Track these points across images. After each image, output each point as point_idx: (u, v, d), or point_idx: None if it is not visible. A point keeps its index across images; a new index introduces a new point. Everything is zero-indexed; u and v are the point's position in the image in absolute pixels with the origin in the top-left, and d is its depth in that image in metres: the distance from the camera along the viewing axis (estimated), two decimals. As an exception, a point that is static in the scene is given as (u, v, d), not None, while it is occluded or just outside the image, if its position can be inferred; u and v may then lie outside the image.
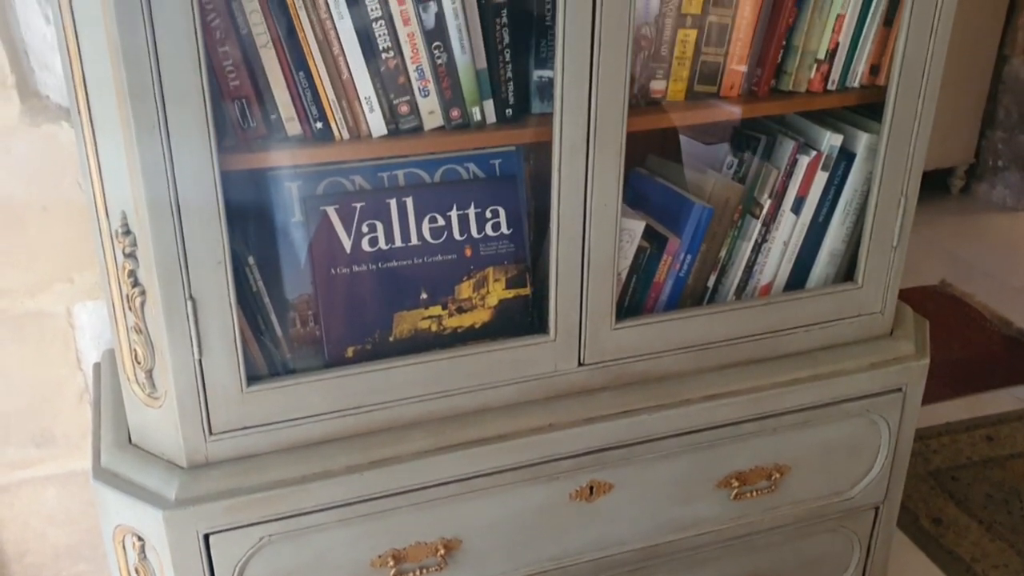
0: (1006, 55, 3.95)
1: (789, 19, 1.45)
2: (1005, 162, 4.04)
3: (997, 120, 4.06)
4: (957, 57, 3.69)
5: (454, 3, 1.28)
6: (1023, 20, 3.85)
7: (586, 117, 1.32)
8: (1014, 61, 3.93)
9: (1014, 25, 3.88)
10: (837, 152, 1.53)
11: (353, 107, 1.28)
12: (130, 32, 1.08)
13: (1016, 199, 4.05)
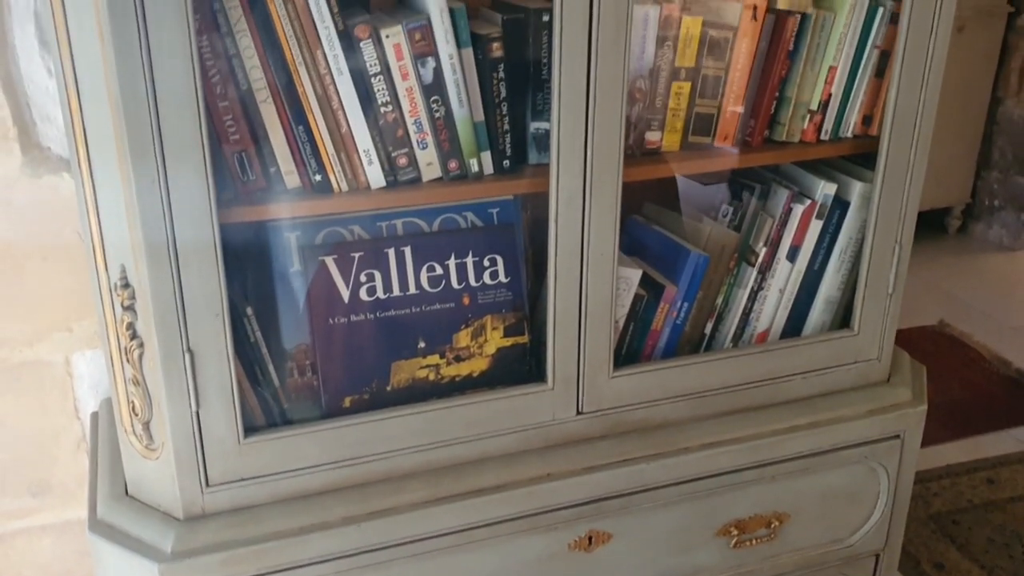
0: (1000, 97, 3.99)
1: (782, 71, 1.47)
2: (1001, 202, 4.06)
3: (992, 161, 4.09)
4: (951, 99, 3.73)
5: (452, 58, 1.30)
6: (1015, 63, 3.90)
7: (582, 168, 1.34)
8: (1008, 103, 3.97)
9: (1007, 68, 3.93)
10: (831, 201, 1.55)
11: (352, 160, 1.30)
12: (131, 87, 1.10)
13: (1013, 239, 4.07)
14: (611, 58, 1.29)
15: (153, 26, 1.08)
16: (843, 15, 1.45)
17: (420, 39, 1.28)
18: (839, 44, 1.46)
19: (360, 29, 1.25)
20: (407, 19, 1.28)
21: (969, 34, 3.78)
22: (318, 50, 1.23)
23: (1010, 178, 4.03)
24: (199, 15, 1.16)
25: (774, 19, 1.45)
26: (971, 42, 3.81)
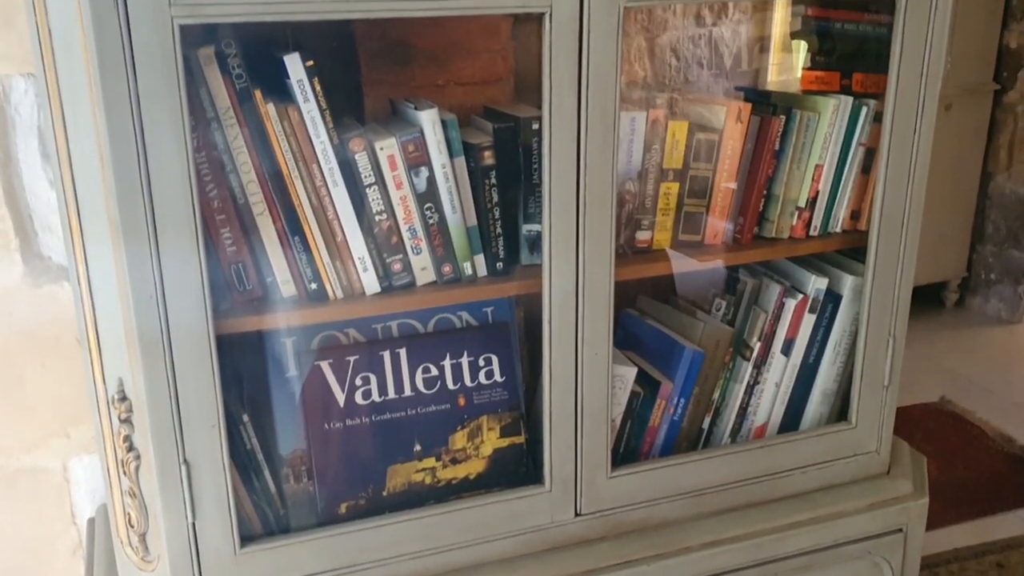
0: (990, 172, 4.04)
1: (768, 170, 1.50)
2: (997, 275, 4.08)
3: (986, 235, 4.12)
4: (943, 174, 3.79)
5: (445, 167, 1.33)
6: (1004, 139, 3.96)
7: (574, 269, 1.35)
8: (998, 178, 4.03)
9: (996, 144, 3.99)
10: (823, 295, 1.56)
11: (347, 267, 1.32)
12: (129, 206, 1.12)
13: (1010, 312, 4.08)
14: (599, 163, 1.32)
15: (152, 148, 1.11)
16: (827, 115, 1.48)
17: (413, 150, 1.31)
18: (824, 143, 1.49)
19: (355, 143, 1.28)
20: (400, 131, 1.31)
21: (957, 111, 3.85)
22: (314, 164, 1.26)
23: (1005, 251, 4.05)
24: (196, 133, 1.19)
25: (759, 121, 1.48)
26: (959, 119, 3.88)
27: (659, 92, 1.51)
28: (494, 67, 1.57)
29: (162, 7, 1.07)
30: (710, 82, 1.65)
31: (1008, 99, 3.96)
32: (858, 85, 1.51)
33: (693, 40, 1.65)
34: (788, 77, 1.53)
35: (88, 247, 1.30)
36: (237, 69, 1.20)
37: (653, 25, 1.63)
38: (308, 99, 1.23)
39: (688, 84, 1.66)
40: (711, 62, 1.65)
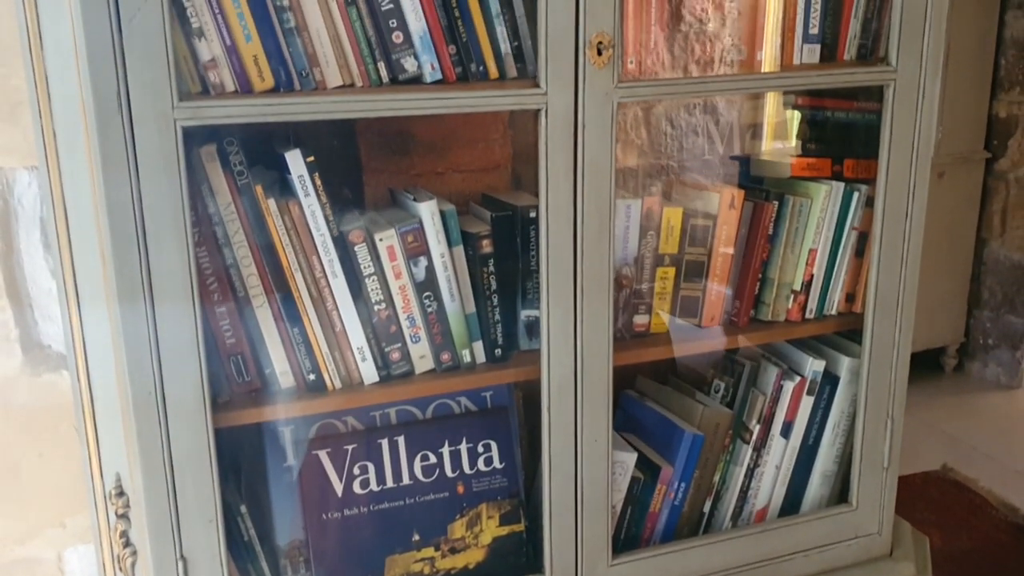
0: (984, 238, 4.07)
1: (763, 254, 1.51)
2: (995, 340, 4.09)
3: (983, 300, 4.14)
4: (938, 240, 3.81)
5: (443, 257, 1.35)
6: (996, 206, 4.00)
7: (573, 355, 1.36)
8: (993, 244, 4.05)
9: (989, 210, 4.03)
10: (821, 377, 1.57)
11: (346, 357, 1.32)
12: (131, 303, 1.13)
13: (1010, 377, 4.07)
14: (596, 250, 1.33)
15: (153, 243, 1.13)
16: (819, 201, 1.50)
17: (413, 241, 1.33)
18: (817, 228, 1.51)
19: (354, 234, 1.30)
20: (400, 222, 1.33)
21: (949, 179, 3.89)
22: (314, 256, 1.27)
23: (1002, 317, 4.06)
24: (197, 228, 1.21)
25: (752, 206, 1.50)
26: (952, 186, 3.92)
27: (653, 179, 1.53)
28: (492, 155, 1.59)
29: (165, 110, 1.09)
30: (703, 167, 1.68)
31: (999, 167, 4.01)
32: (849, 171, 1.53)
33: (686, 127, 1.68)
34: (780, 163, 1.55)
35: (88, 339, 1.31)
36: (239, 166, 1.22)
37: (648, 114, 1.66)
38: (309, 193, 1.25)
39: (682, 170, 1.69)
40: (704, 148, 1.67)
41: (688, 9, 1.48)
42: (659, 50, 1.40)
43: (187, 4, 1.13)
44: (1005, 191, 3.97)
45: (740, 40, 1.48)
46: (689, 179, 1.62)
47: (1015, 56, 3.86)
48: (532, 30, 1.30)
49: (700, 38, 1.47)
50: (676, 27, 1.49)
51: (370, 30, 1.24)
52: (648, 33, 1.39)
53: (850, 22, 1.46)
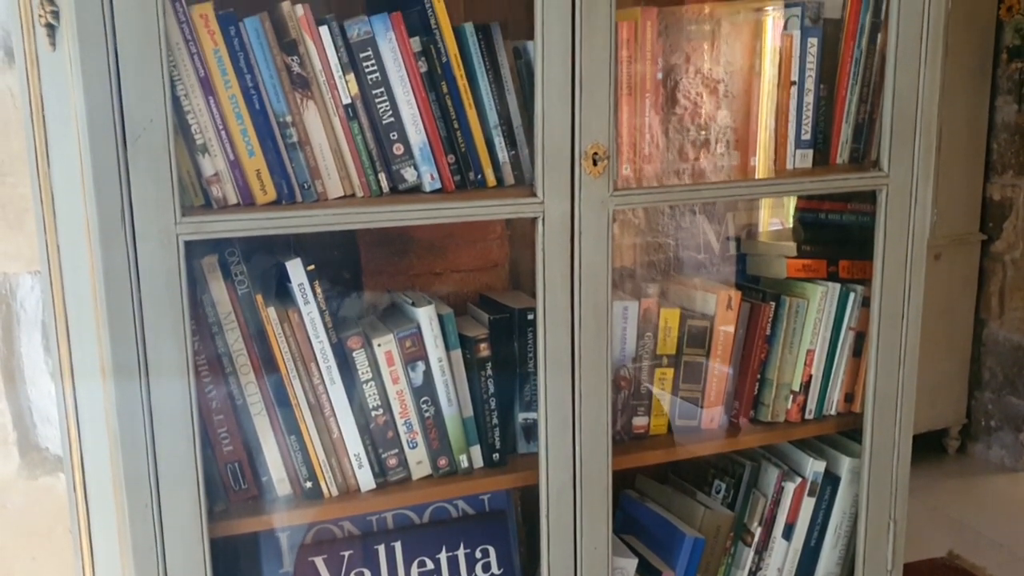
0: (983, 319, 4.08)
1: (761, 355, 1.52)
2: (998, 422, 4.06)
3: (984, 381, 4.13)
4: (936, 321, 3.81)
5: (441, 361, 1.35)
6: (994, 287, 4.02)
7: (571, 459, 1.35)
8: (991, 325, 4.06)
9: (986, 292, 4.04)
10: (822, 477, 1.55)
11: (343, 464, 1.31)
12: (129, 418, 1.13)
13: (1014, 459, 4.04)
14: (594, 353, 1.34)
15: (153, 354, 1.13)
16: (815, 302, 1.51)
17: (411, 346, 1.33)
18: (815, 329, 1.52)
19: (353, 340, 1.30)
20: (398, 327, 1.34)
21: (946, 261, 3.92)
22: (312, 363, 1.28)
23: (1003, 398, 4.05)
24: (197, 337, 1.21)
25: (749, 307, 1.51)
26: (949, 268, 3.95)
27: (650, 279, 1.54)
28: (490, 254, 1.61)
29: (168, 225, 1.11)
30: (700, 266, 1.69)
31: (995, 248, 4.04)
32: (845, 271, 1.55)
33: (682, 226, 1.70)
34: (776, 262, 1.57)
35: (85, 444, 1.31)
36: (240, 276, 1.23)
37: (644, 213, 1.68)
38: (308, 301, 1.26)
39: (679, 269, 1.70)
40: (701, 247, 1.69)
41: (682, 116, 1.51)
42: (654, 156, 1.43)
43: (191, 121, 1.15)
44: (1002, 272, 3.99)
45: (733, 145, 1.50)
46: (686, 278, 1.63)
47: (1006, 140, 3.93)
48: (529, 139, 1.33)
49: (695, 143, 1.50)
50: (671, 133, 1.52)
51: (371, 143, 1.26)
52: (642, 139, 1.42)
53: (842, 127, 1.49)
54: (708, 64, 1.60)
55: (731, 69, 1.59)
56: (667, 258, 1.70)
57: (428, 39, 1.28)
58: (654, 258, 1.70)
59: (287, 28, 1.20)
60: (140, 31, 1.06)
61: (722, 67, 1.59)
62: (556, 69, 1.25)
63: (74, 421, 1.33)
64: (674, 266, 1.70)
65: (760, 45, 1.48)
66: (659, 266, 1.70)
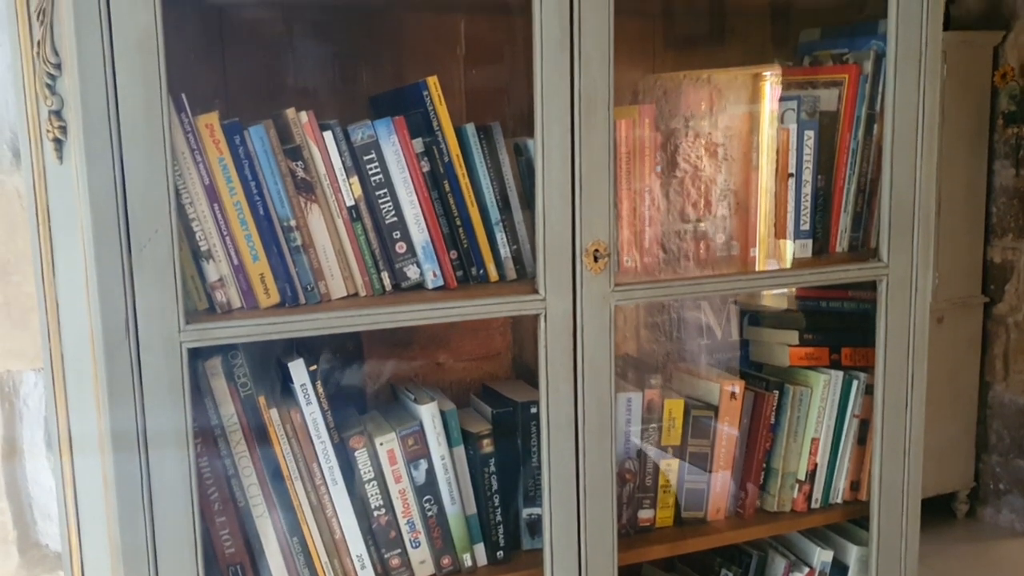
0: (988, 381, 4.06)
1: (766, 444, 1.51)
2: (1006, 485, 4.02)
3: (991, 444, 4.10)
4: (941, 384, 3.80)
5: (444, 459, 1.35)
6: (998, 350, 4.01)
7: (576, 555, 1.34)
8: (997, 387, 4.05)
9: (990, 354, 4.04)
10: (830, 568, 1.54)
11: (345, 565, 1.30)
12: (130, 522, 1.13)
13: (1024, 523, 3.99)
14: (598, 446, 1.33)
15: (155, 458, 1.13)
16: (819, 390, 1.51)
17: (413, 444, 1.33)
18: (819, 417, 1.52)
19: (355, 440, 1.30)
20: (400, 425, 1.33)
21: (949, 324, 3.92)
22: (314, 463, 1.27)
23: (1011, 462, 4.01)
24: (199, 440, 1.21)
25: (753, 396, 1.51)
26: (952, 331, 3.95)
27: (654, 368, 1.54)
28: (493, 343, 1.61)
29: (172, 333, 1.11)
30: (703, 352, 1.70)
31: (998, 311, 4.04)
32: (847, 359, 1.55)
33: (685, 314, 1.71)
34: (779, 348, 1.57)
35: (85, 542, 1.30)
36: (242, 378, 1.23)
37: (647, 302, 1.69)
38: (311, 401, 1.26)
39: (682, 357, 1.70)
40: (704, 333, 1.69)
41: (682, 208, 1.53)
42: (655, 248, 1.44)
43: (196, 228, 1.17)
44: (1005, 335, 3.99)
45: (733, 236, 1.52)
46: (689, 365, 1.63)
47: (1005, 204, 3.96)
48: (530, 233, 1.34)
49: (695, 235, 1.51)
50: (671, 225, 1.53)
51: (374, 242, 1.28)
52: (643, 233, 1.43)
53: (840, 216, 1.50)
54: (707, 127, 1.62)
55: (730, 134, 1.60)
56: (670, 343, 1.71)
57: (431, 139, 1.30)
58: (657, 344, 1.70)
59: (292, 134, 1.22)
60: (146, 145, 1.07)
61: (720, 132, 1.60)
62: (556, 168, 1.27)
63: (74, 520, 1.32)
64: (677, 352, 1.70)
65: (757, 139, 1.50)
66: (662, 352, 1.70)
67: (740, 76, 1.66)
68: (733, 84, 1.66)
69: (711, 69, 1.66)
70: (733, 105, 1.64)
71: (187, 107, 1.14)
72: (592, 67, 1.27)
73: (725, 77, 1.65)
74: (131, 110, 1.06)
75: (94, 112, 1.05)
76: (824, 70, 1.53)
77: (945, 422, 3.91)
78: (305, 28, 1.45)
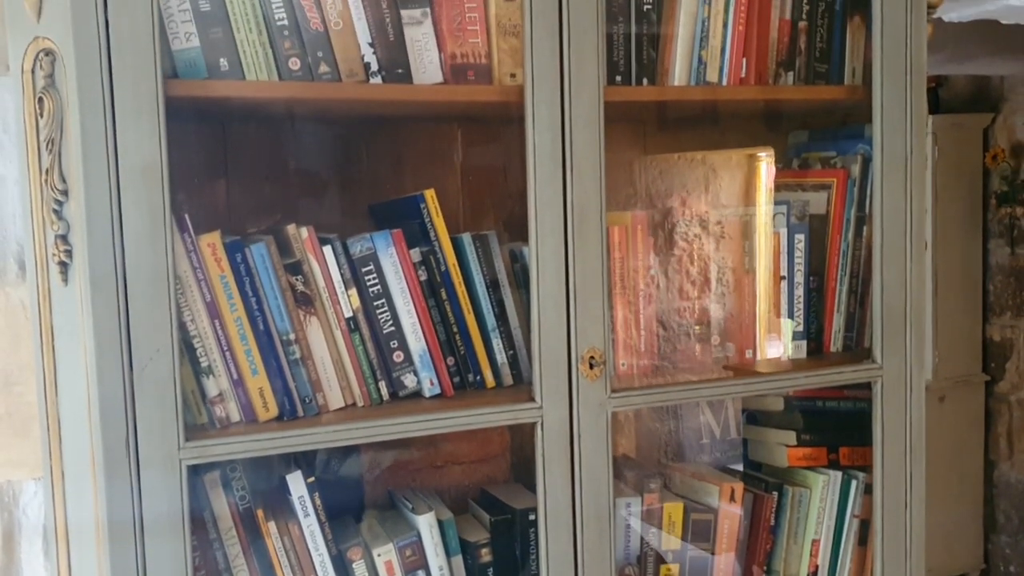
0: (993, 460, 4.04)
1: (767, 547, 1.51)
2: (1017, 567, 3.96)
3: (999, 524, 4.05)
4: (946, 465, 3.78)
5: (441, 569, 1.34)
6: (1001, 428, 3.99)
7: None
8: (1002, 466, 4.02)
9: (994, 433, 4.02)
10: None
11: None
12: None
13: (1038, 607, 3.92)
14: (597, 554, 1.33)
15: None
16: (818, 490, 1.51)
17: (411, 555, 1.33)
18: (818, 518, 1.51)
19: (353, 551, 1.30)
20: (398, 536, 1.33)
21: (951, 403, 3.91)
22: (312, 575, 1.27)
23: (1020, 542, 3.96)
24: (198, 552, 1.21)
25: (752, 497, 1.51)
26: (954, 410, 3.93)
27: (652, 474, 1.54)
28: (491, 445, 1.62)
29: (171, 451, 1.12)
30: (701, 452, 1.70)
31: (1000, 389, 4.04)
32: (845, 459, 1.55)
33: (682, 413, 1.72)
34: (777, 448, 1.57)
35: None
36: (241, 491, 1.24)
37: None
38: (308, 514, 1.26)
39: (680, 457, 1.71)
40: (702, 433, 1.70)
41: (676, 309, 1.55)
42: (652, 350, 1.46)
43: (197, 344, 1.19)
44: (1008, 413, 3.98)
45: (727, 337, 1.53)
46: (688, 466, 1.64)
47: (1002, 282, 3.98)
48: (527, 339, 1.36)
49: (691, 336, 1.53)
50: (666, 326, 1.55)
51: (372, 353, 1.29)
52: (638, 336, 1.45)
53: (833, 317, 1.52)
54: (704, 205, 1.65)
55: (726, 212, 1.63)
56: (668, 442, 1.71)
57: (428, 249, 1.33)
58: (655, 443, 1.70)
59: (292, 249, 1.25)
60: (150, 268, 1.10)
61: (717, 210, 1.63)
62: (550, 278, 1.29)
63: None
64: (676, 451, 1.71)
65: (750, 244, 1.53)
66: (660, 451, 1.71)
67: (735, 156, 1.70)
68: (728, 164, 1.70)
69: (705, 151, 1.71)
70: (728, 185, 1.68)
71: (190, 227, 1.17)
72: (584, 179, 1.30)
73: (720, 158, 1.69)
74: (135, 235, 1.09)
75: (99, 237, 1.08)
76: (813, 173, 1.57)
77: (952, 502, 3.87)
78: (306, 141, 1.49)
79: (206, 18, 1.18)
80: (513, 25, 1.31)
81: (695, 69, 1.42)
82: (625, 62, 1.39)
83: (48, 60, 1.10)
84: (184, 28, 1.17)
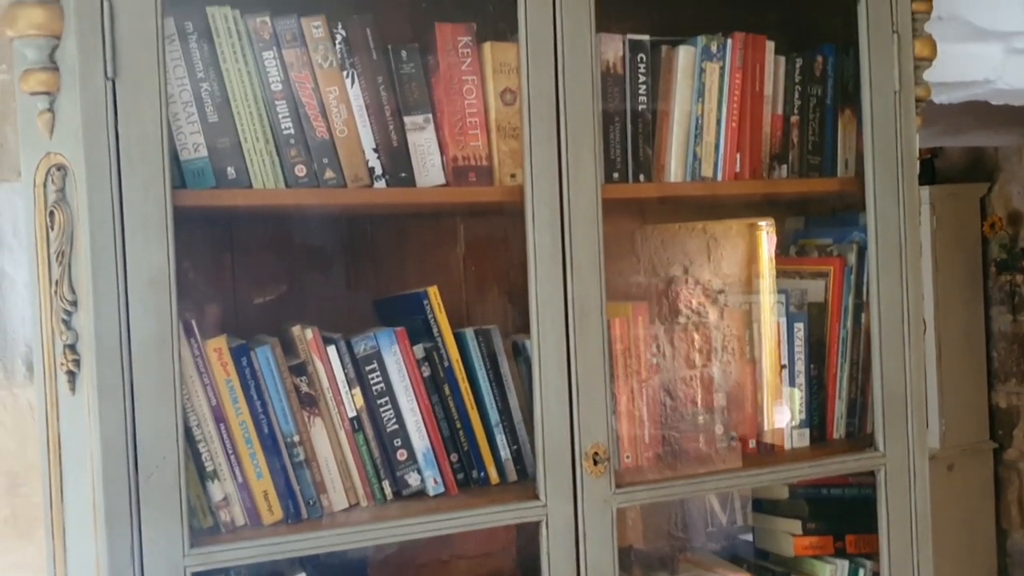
0: (1005, 529, 3.99)
1: (776, 639, 1.49)
2: (1034, 639, 3.88)
3: (1015, 596, 3.98)
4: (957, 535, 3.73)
5: (447, 667, 1.33)
6: (1012, 496, 3.96)
7: None
8: (1014, 535, 3.97)
9: (1004, 500, 3.98)
10: None
11: None
12: None
13: None
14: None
15: None
16: None
17: (417, 656, 1.31)
18: (828, 607, 1.50)
19: (358, 654, 1.29)
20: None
21: (960, 471, 3.88)
22: None
23: (1037, 613, 3.89)
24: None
25: (759, 591, 1.50)
26: (963, 478, 3.90)
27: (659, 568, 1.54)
28: (497, 538, 1.60)
29: (176, 559, 1.12)
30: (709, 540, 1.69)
31: (1008, 456, 4.01)
32: (852, 547, 1.54)
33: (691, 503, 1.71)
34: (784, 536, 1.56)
35: None
36: (245, 596, 1.24)
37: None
38: (313, 617, 1.26)
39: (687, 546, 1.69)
40: (708, 519, 1.69)
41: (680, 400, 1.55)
42: (655, 441, 1.46)
43: (203, 449, 1.19)
44: (1018, 481, 3.94)
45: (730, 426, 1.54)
46: (696, 556, 1.62)
47: (1005, 349, 3.98)
48: (530, 434, 1.36)
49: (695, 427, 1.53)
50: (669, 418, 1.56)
51: (376, 451, 1.30)
52: (642, 430, 1.45)
53: (835, 404, 1.53)
54: (707, 274, 1.66)
55: (728, 280, 1.64)
56: (675, 532, 1.70)
57: (431, 345, 1.34)
58: (661, 532, 1.69)
59: (297, 350, 1.27)
60: (157, 376, 1.11)
61: (720, 278, 1.65)
62: (553, 374, 1.31)
63: None
64: (683, 541, 1.70)
65: (751, 334, 1.54)
66: (667, 541, 1.69)
67: (735, 226, 1.72)
68: (728, 233, 1.72)
69: (705, 221, 1.73)
70: (731, 254, 1.69)
71: (196, 333, 1.19)
72: (584, 275, 1.32)
73: (720, 227, 1.71)
74: (143, 344, 1.11)
75: (107, 348, 1.10)
76: (810, 261, 1.59)
77: (964, 574, 3.82)
78: (311, 241, 1.51)
79: (214, 129, 1.21)
80: (513, 128, 1.34)
81: (690, 164, 1.46)
82: (622, 160, 1.42)
83: (60, 175, 1.13)
84: (192, 139, 1.20)
